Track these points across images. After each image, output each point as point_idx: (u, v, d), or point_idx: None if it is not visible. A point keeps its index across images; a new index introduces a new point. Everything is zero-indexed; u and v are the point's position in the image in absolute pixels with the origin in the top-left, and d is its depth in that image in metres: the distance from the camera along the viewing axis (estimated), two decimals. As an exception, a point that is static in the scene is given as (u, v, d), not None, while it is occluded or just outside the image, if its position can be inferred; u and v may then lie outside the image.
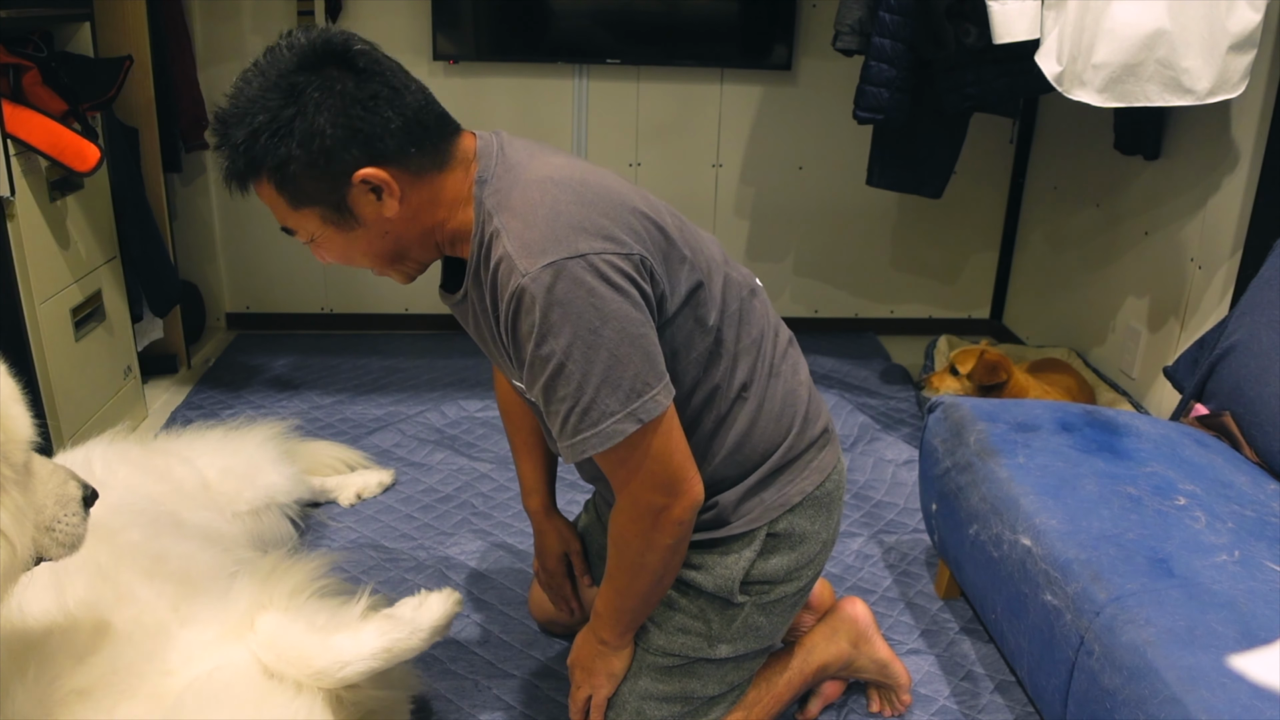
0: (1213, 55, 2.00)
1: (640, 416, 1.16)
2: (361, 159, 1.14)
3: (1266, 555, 1.41)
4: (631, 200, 1.23)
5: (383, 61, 1.17)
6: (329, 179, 1.15)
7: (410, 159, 1.17)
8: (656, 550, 1.26)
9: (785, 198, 3.46)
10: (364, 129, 1.13)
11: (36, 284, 2.18)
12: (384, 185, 1.16)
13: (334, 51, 1.14)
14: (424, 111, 1.18)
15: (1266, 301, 1.83)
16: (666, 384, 1.20)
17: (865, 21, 2.46)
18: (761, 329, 1.38)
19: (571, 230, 1.14)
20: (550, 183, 1.19)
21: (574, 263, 1.13)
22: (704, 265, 1.30)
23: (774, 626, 1.47)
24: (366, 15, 3.16)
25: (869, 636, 1.65)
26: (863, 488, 2.44)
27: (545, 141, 1.34)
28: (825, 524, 1.45)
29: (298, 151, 1.12)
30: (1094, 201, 3.00)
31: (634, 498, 1.24)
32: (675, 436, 1.22)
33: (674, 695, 1.43)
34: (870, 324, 3.66)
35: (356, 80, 1.14)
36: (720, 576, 1.39)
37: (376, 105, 1.14)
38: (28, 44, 2.31)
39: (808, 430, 1.42)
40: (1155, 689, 1.18)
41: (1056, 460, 1.66)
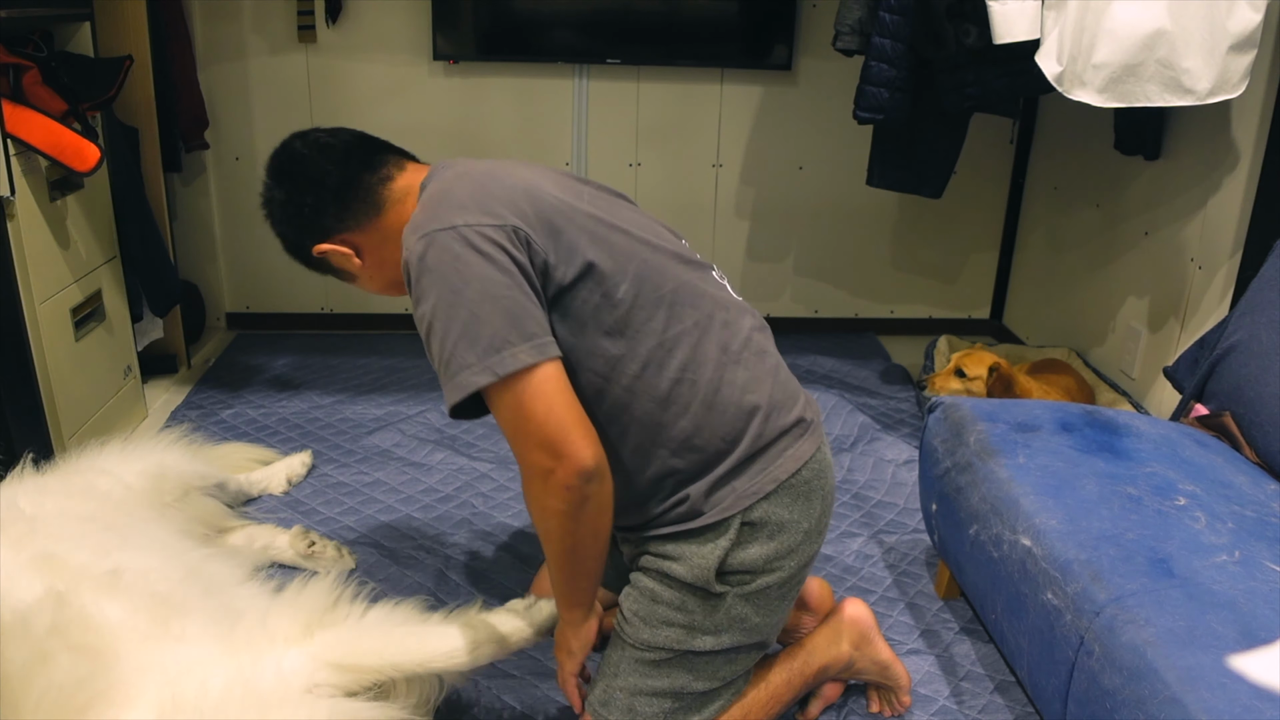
0: (1213, 55, 2.00)
1: (496, 370, 1.22)
2: (312, 241, 1.47)
3: (1266, 555, 1.41)
4: (534, 186, 1.34)
5: (310, 158, 1.46)
6: (309, 258, 1.50)
7: (344, 223, 1.45)
8: (551, 515, 1.28)
9: (785, 198, 3.46)
10: (299, 222, 1.47)
11: (36, 284, 2.18)
12: (338, 251, 1.46)
13: (273, 166, 1.49)
14: (340, 181, 1.44)
15: (1266, 302, 1.83)
16: (537, 345, 1.24)
17: (865, 21, 2.46)
18: (709, 313, 1.39)
19: (451, 209, 1.28)
20: (458, 177, 1.36)
21: (444, 234, 1.26)
22: (620, 244, 1.35)
23: (763, 619, 1.45)
24: (366, 15, 3.16)
25: (870, 638, 1.65)
26: (863, 488, 2.44)
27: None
28: (805, 512, 1.43)
29: (286, 246, 1.52)
30: (1094, 201, 3.00)
31: (522, 458, 1.28)
32: (553, 398, 1.25)
33: (664, 690, 1.43)
34: (870, 324, 3.66)
35: (280, 188, 1.47)
36: (696, 566, 1.38)
37: (299, 199, 1.45)
38: (28, 44, 2.31)
39: (777, 418, 1.41)
40: (1155, 689, 1.18)
41: (1056, 460, 1.66)
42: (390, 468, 2.46)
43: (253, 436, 2.60)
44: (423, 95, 3.26)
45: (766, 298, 3.60)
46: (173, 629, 1.30)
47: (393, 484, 2.39)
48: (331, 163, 1.44)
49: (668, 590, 1.41)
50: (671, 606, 1.41)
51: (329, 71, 3.21)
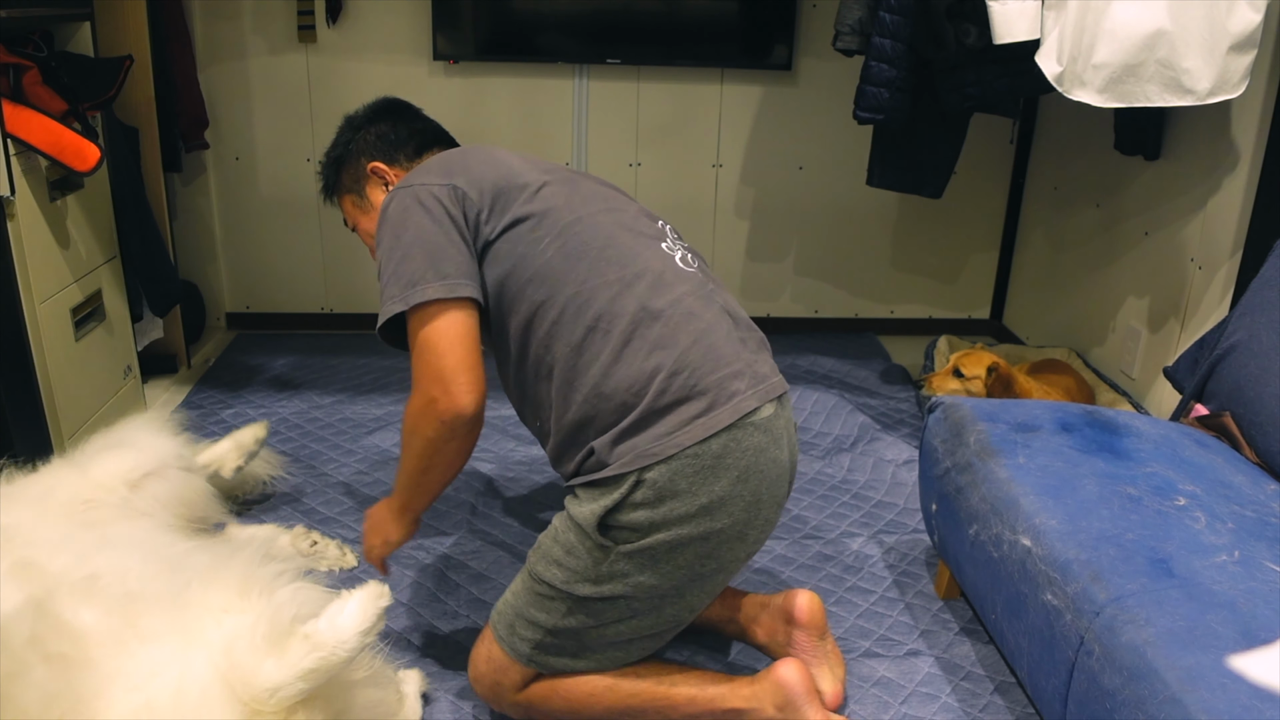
0: (1213, 55, 2.00)
1: (409, 300, 1.42)
2: (374, 155, 1.74)
3: (1266, 555, 1.41)
4: (499, 159, 1.60)
5: (410, 107, 1.83)
6: (354, 170, 1.75)
7: (410, 164, 1.73)
8: (419, 435, 1.45)
9: (785, 198, 3.46)
10: (380, 139, 1.75)
11: (36, 284, 2.18)
12: (387, 178, 1.73)
13: (385, 106, 1.81)
14: (429, 137, 1.78)
15: (1267, 302, 1.83)
16: (449, 283, 1.43)
17: (865, 21, 2.46)
18: (638, 272, 1.47)
19: (418, 174, 1.55)
20: (445, 154, 1.63)
21: (402, 191, 1.52)
22: (559, 204, 1.53)
23: (651, 581, 1.44)
24: (366, 15, 3.16)
25: (797, 705, 1.51)
26: (863, 488, 2.44)
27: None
28: (706, 486, 1.40)
29: (341, 152, 1.77)
30: (1094, 201, 3.00)
31: (416, 382, 1.44)
32: (454, 338, 1.42)
33: (540, 623, 1.49)
34: (870, 324, 3.66)
35: (389, 115, 1.79)
36: (583, 514, 1.44)
37: (395, 126, 1.77)
38: (28, 44, 2.31)
39: (686, 379, 1.41)
40: (1155, 689, 1.18)
41: (1056, 460, 1.66)
42: (390, 468, 2.46)
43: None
44: (423, 95, 3.25)
45: (766, 298, 3.60)
46: (142, 628, 1.28)
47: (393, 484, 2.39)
48: (432, 123, 1.82)
49: (564, 533, 1.48)
50: (563, 548, 1.47)
51: (329, 71, 3.21)
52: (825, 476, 2.49)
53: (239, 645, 1.20)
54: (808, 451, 2.62)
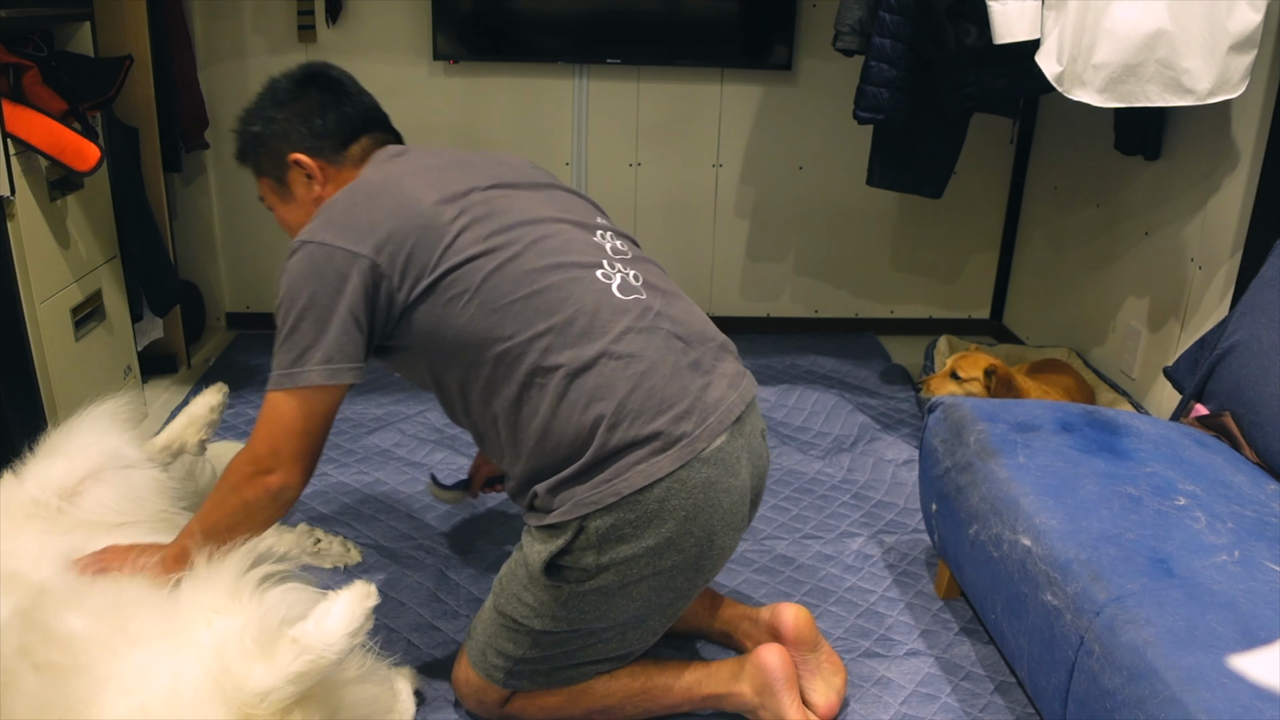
0: (1213, 55, 2.00)
1: (293, 379, 1.39)
2: (297, 146, 1.55)
3: (1266, 555, 1.41)
4: (411, 202, 1.43)
5: (346, 85, 1.60)
6: (275, 156, 1.57)
7: (337, 156, 1.56)
8: (240, 495, 1.42)
9: (785, 198, 3.46)
10: (306, 126, 1.55)
11: (36, 284, 2.18)
12: (312, 171, 1.56)
13: (312, 75, 1.59)
14: (360, 121, 1.58)
15: (1267, 302, 1.83)
16: (331, 369, 1.38)
17: (865, 21, 2.46)
18: (570, 318, 1.40)
19: (324, 222, 1.43)
20: (352, 189, 1.48)
21: (308, 245, 1.41)
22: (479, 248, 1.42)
23: (610, 616, 1.46)
24: (366, 15, 3.16)
25: (775, 691, 1.53)
26: (863, 488, 2.44)
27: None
28: (653, 530, 1.39)
29: (261, 130, 1.57)
30: (1094, 201, 3.00)
31: (256, 445, 1.41)
32: (309, 420, 1.40)
33: (511, 654, 1.51)
34: (870, 324, 3.66)
35: (318, 93, 1.57)
36: (533, 553, 1.45)
37: (323, 112, 1.56)
38: (28, 43, 2.31)
39: (627, 429, 1.38)
40: (1155, 689, 1.18)
41: (1056, 460, 1.66)
42: (390, 468, 2.46)
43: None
44: (423, 95, 3.26)
45: (766, 298, 3.60)
46: (132, 631, 1.27)
47: (393, 484, 2.39)
48: (365, 105, 1.60)
49: (521, 569, 1.49)
50: (520, 584, 1.49)
51: (329, 71, 3.21)
52: (825, 476, 2.49)
53: (229, 649, 1.20)
54: (807, 451, 2.62)
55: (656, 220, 3.46)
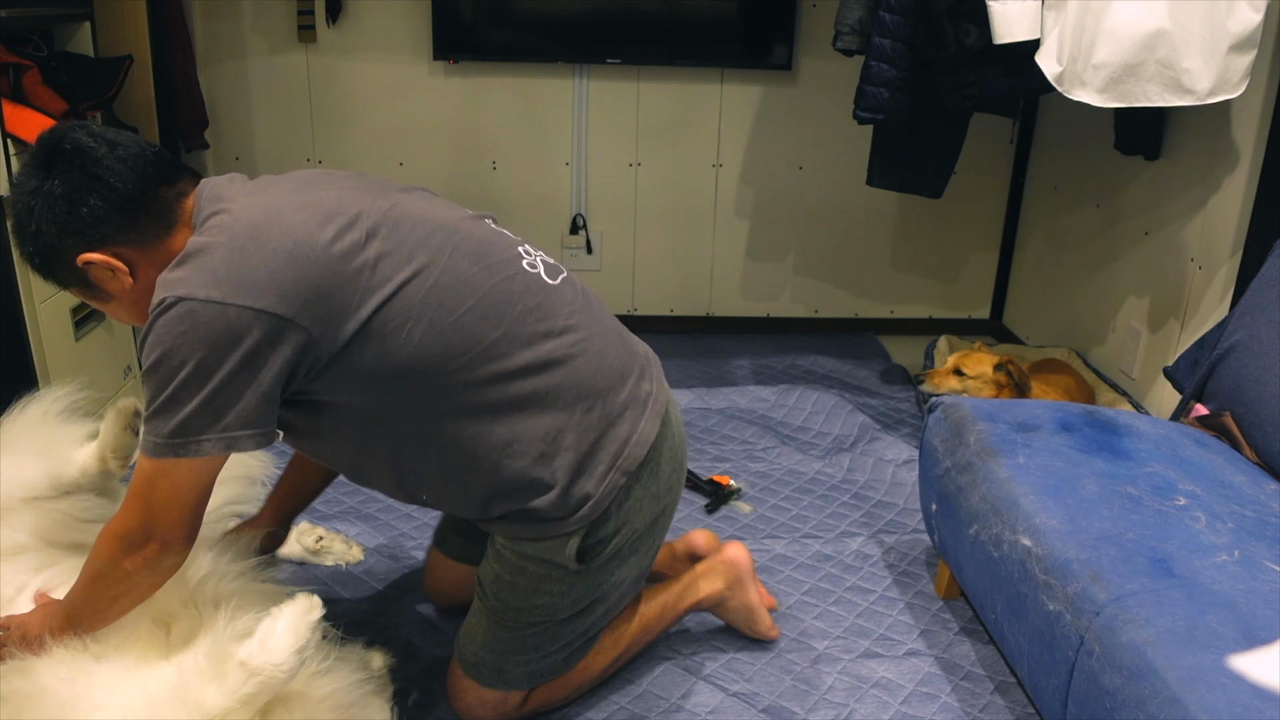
0: (1213, 55, 2.00)
1: (183, 449, 1.23)
2: (80, 247, 1.27)
3: (1266, 555, 1.41)
4: (300, 242, 1.25)
5: (90, 152, 1.26)
6: (64, 267, 1.30)
7: (129, 236, 1.28)
8: (120, 568, 1.27)
9: (785, 198, 3.46)
10: (73, 223, 1.26)
11: (37, 283, 2.18)
12: (109, 265, 1.29)
13: (47, 154, 1.27)
14: (136, 189, 1.27)
15: (1267, 302, 1.83)
16: (228, 438, 1.23)
17: (865, 21, 2.46)
18: (518, 316, 1.38)
19: (204, 274, 1.21)
20: (221, 230, 1.25)
21: (186, 303, 1.19)
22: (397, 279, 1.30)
23: (620, 576, 1.55)
24: (366, 15, 3.16)
25: (744, 581, 1.78)
26: (863, 488, 2.44)
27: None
28: (653, 481, 1.51)
29: (33, 249, 1.30)
30: (1094, 201, 3.00)
31: (130, 514, 1.26)
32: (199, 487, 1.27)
33: (532, 656, 1.54)
34: (870, 324, 3.66)
35: (62, 180, 1.25)
36: (556, 556, 1.46)
37: (80, 197, 1.25)
38: (28, 43, 2.31)
39: (608, 405, 1.44)
40: (1155, 689, 1.18)
41: (1056, 460, 1.66)
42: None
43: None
44: (423, 95, 3.26)
45: (766, 298, 3.60)
46: (93, 648, 1.26)
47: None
48: (126, 165, 1.28)
49: (526, 573, 1.48)
50: (531, 589, 1.49)
51: (329, 71, 3.21)
52: (825, 476, 2.49)
53: (186, 664, 1.20)
54: (807, 451, 2.62)
55: (656, 220, 3.46)
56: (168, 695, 1.19)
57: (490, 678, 1.55)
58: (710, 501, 2.34)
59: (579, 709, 1.66)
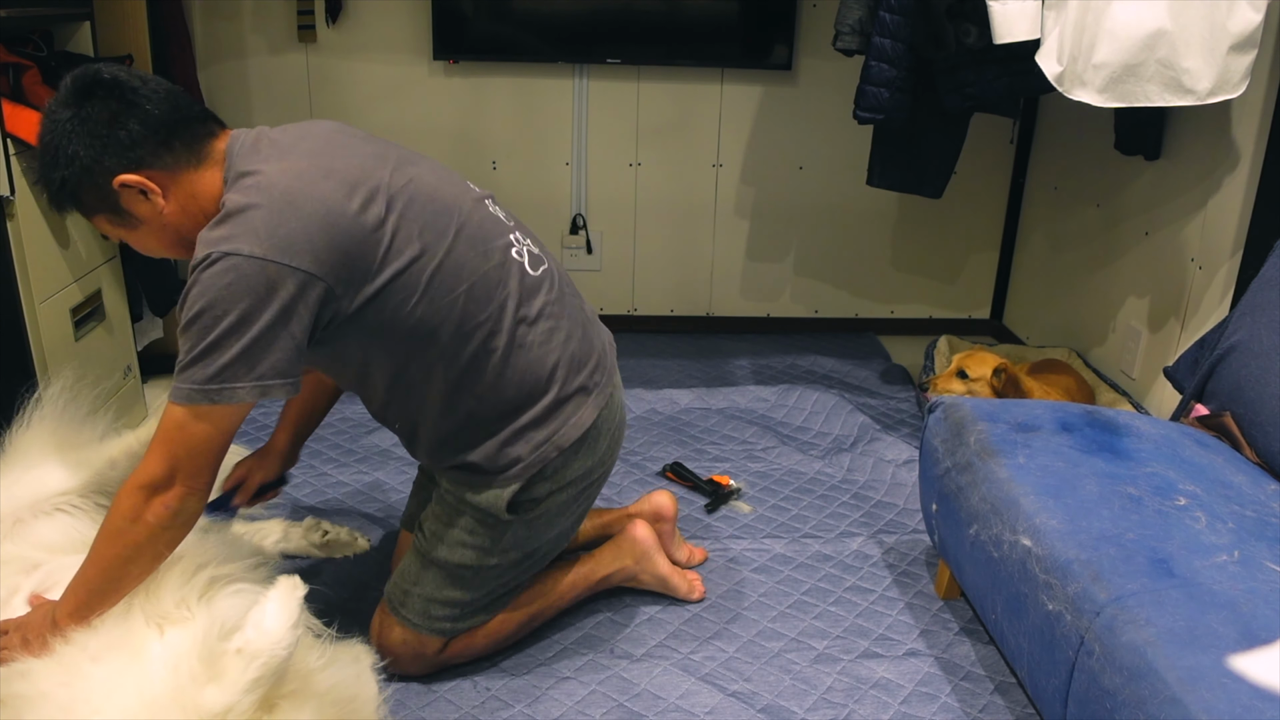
0: (1213, 55, 2.00)
1: (219, 396, 1.32)
2: (117, 168, 1.35)
3: (1266, 555, 1.41)
4: (332, 210, 1.37)
5: (126, 82, 1.36)
6: (97, 190, 1.37)
7: (162, 159, 1.37)
8: (139, 523, 1.32)
9: (785, 198, 3.46)
10: (111, 144, 1.34)
11: (36, 283, 2.18)
12: (144, 187, 1.37)
13: (84, 85, 1.34)
14: (171, 116, 1.37)
15: (1267, 302, 1.83)
16: (261, 386, 1.32)
17: (865, 21, 2.46)
18: (502, 303, 1.53)
19: (247, 232, 1.31)
20: (260, 190, 1.35)
21: (231, 257, 1.30)
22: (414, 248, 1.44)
23: (546, 535, 1.69)
24: (366, 15, 3.16)
25: (650, 555, 1.91)
26: (863, 488, 2.44)
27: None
28: (589, 456, 1.66)
29: (66, 174, 1.35)
30: (1094, 201, 3.00)
31: (152, 463, 1.32)
32: (226, 434, 1.35)
33: (455, 600, 1.65)
34: (870, 324, 3.66)
35: (102, 104, 1.34)
36: (490, 502, 1.60)
37: (119, 121, 1.34)
38: (28, 43, 2.31)
39: (567, 386, 1.60)
40: (1155, 689, 1.18)
41: (1057, 460, 1.66)
42: (390, 467, 2.46)
43: (251, 436, 2.60)
44: (423, 95, 3.26)
45: (766, 298, 3.60)
46: (91, 648, 1.26)
47: (393, 484, 2.39)
48: (160, 95, 1.38)
49: (463, 516, 1.63)
50: (464, 530, 1.63)
51: (329, 71, 3.21)
52: (825, 476, 2.49)
53: (181, 668, 1.19)
54: (807, 451, 2.62)
55: (656, 220, 3.46)
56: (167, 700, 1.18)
57: (416, 618, 1.65)
58: (710, 501, 2.34)
59: (577, 707, 1.66)
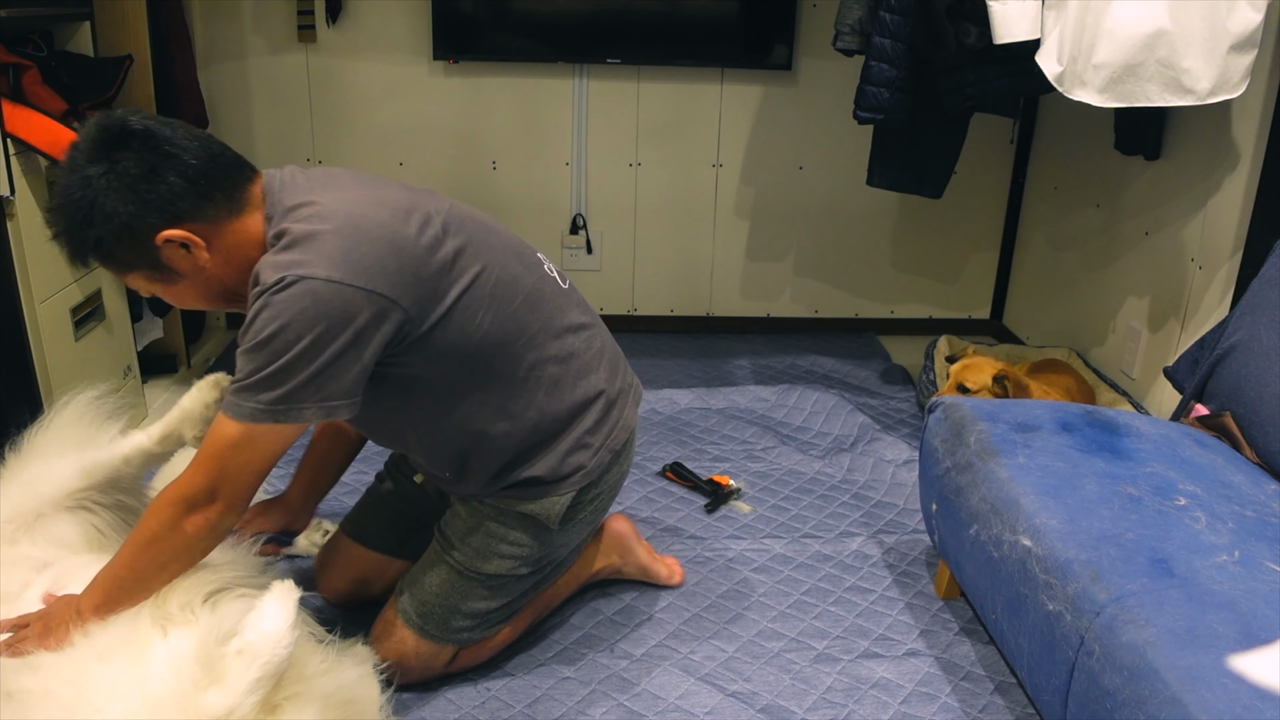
0: (1213, 55, 2.00)
1: (285, 416, 1.33)
2: (160, 224, 1.32)
3: (1266, 555, 1.41)
4: (395, 236, 1.38)
5: (158, 132, 1.32)
6: (138, 247, 1.33)
7: (204, 212, 1.34)
8: (176, 532, 1.33)
9: (785, 198, 3.46)
10: (152, 199, 1.30)
11: (36, 283, 2.18)
12: (187, 241, 1.34)
13: (113, 137, 1.30)
14: (209, 166, 1.34)
15: (1267, 302, 1.83)
16: (327, 407, 1.34)
17: (865, 21, 2.46)
18: (550, 311, 1.58)
19: (320, 257, 1.31)
20: (321, 218, 1.35)
21: (306, 281, 1.29)
22: (474, 269, 1.47)
23: (576, 539, 1.74)
24: (366, 15, 3.16)
25: (631, 547, 1.96)
26: (863, 488, 2.44)
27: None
28: (626, 460, 1.74)
29: (103, 232, 1.31)
30: (1094, 201, 3.00)
31: (196, 476, 1.33)
32: (274, 455, 1.36)
33: (480, 610, 1.66)
34: (870, 324, 3.66)
35: (136, 158, 1.30)
36: (544, 506, 1.62)
37: (157, 174, 1.30)
38: (28, 43, 2.31)
39: (609, 391, 1.66)
40: (1155, 689, 1.18)
41: (1057, 460, 1.66)
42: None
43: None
44: (423, 95, 3.26)
45: (766, 298, 3.60)
46: (97, 645, 1.26)
47: (393, 484, 2.39)
48: (195, 143, 1.34)
49: (513, 530, 1.63)
50: (504, 541, 1.63)
51: (329, 71, 3.21)
52: (825, 476, 2.49)
53: (183, 673, 1.20)
54: (807, 451, 2.62)
55: (656, 220, 3.46)
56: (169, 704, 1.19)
57: (434, 629, 1.63)
58: (710, 501, 2.34)
59: (577, 707, 1.66)
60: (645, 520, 2.26)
